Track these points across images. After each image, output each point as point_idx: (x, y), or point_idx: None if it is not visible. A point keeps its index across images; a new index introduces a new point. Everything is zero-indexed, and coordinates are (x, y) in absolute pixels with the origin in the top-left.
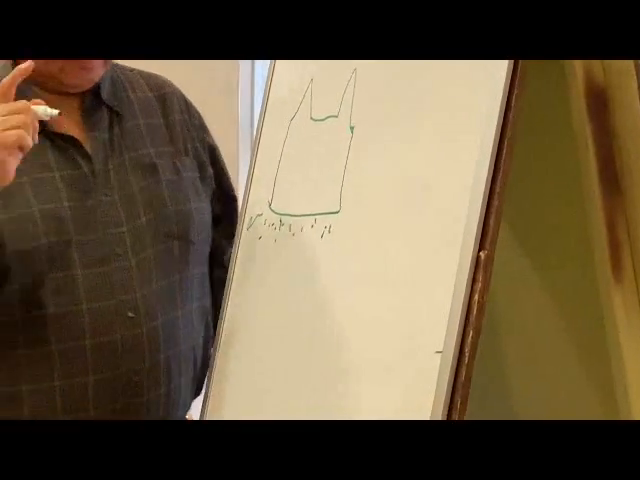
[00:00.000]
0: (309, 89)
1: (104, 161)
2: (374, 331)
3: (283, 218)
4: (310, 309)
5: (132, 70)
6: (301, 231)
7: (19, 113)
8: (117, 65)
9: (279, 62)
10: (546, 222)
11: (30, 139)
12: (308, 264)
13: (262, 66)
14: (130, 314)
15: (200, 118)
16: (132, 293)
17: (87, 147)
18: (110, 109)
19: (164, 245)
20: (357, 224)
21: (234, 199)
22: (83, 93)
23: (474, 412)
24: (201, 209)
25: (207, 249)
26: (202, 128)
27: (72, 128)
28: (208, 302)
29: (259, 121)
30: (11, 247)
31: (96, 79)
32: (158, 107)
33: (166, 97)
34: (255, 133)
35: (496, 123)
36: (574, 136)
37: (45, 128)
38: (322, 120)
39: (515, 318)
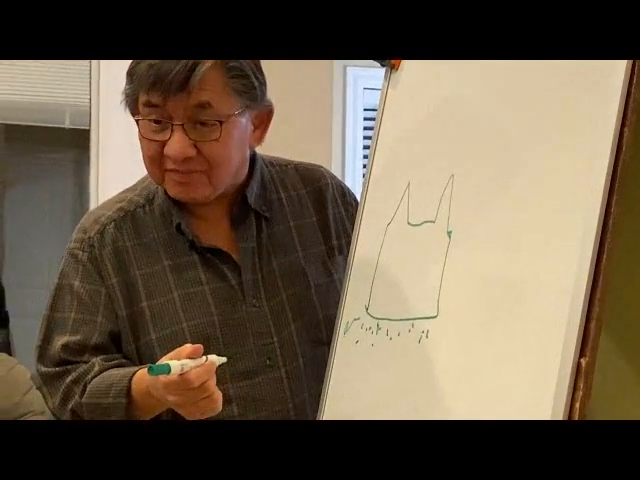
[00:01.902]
0: (406, 194)
1: (252, 270)
2: None
3: (380, 322)
4: (408, 414)
5: (288, 164)
6: (398, 335)
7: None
8: (272, 163)
9: (375, 166)
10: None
11: (219, 404)
12: (405, 369)
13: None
14: None
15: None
16: (284, 404)
17: (236, 258)
18: (258, 214)
19: (314, 352)
20: (455, 329)
21: None
22: (231, 199)
23: None
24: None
25: None
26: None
27: (221, 238)
28: None
29: (356, 225)
30: None
31: (199, 195)
32: (311, 204)
33: (321, 191)
34: (352, 237)
35: (595, 229)
36: None
37: (195, 243)
38: (419, 225)
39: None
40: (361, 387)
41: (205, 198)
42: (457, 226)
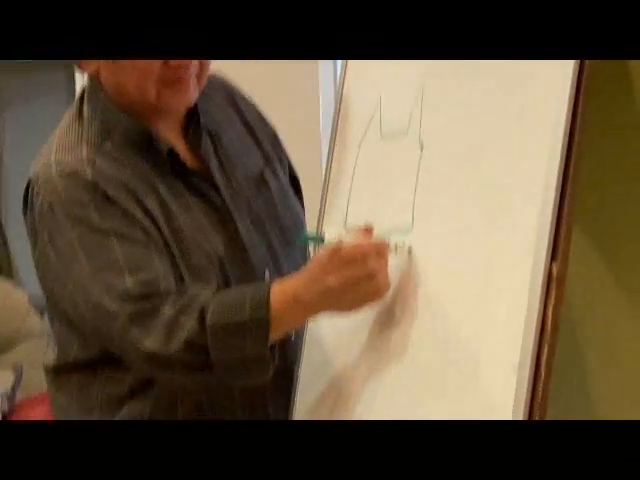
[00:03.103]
0: (377, 108)
1: (227, 187)
2: (448, 350)
3: None
4: (386, 327)
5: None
6: None
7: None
8: None
9: (346, 85)
10: (619, 227)
11: (387, 286)
12: None
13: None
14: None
15: (256, 109)
16: None
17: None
18: (208, 131)
19: (293, 254)
20: (430, 242)
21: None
22: (182, 117)
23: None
24: (300, 210)
25: None
26: (265, 119)
27: (188, 157)
28: None
29: (330, 143)
30: None
31: (192, 100)
32: (235, 115)
33: (236, 101)
34: (327, 155)
35: (563, 130)
36: None
37: (185, 167)
38: (392, 138)
39: (593, 325)
40: None
41: (191, 103)
42: (429, 137)
